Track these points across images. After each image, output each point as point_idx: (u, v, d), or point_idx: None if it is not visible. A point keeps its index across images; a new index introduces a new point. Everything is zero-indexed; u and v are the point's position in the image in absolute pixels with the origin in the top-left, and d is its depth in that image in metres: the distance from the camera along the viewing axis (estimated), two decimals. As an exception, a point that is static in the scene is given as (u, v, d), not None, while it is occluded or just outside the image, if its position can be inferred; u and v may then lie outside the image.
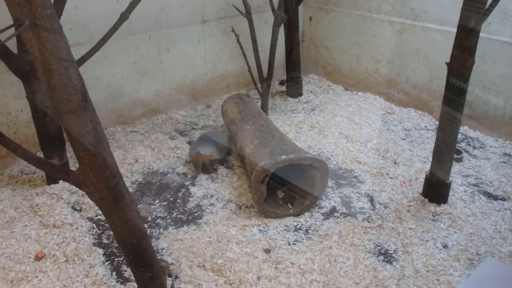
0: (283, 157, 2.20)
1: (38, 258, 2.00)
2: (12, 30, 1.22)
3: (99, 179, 1.37)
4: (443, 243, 2.12)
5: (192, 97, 3.68)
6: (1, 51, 2.15)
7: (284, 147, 2.31)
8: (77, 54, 2.29)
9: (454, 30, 2.03)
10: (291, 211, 2.33)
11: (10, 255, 2.03)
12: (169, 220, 2.31)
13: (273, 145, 2.35)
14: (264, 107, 3.32)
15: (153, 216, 2.34)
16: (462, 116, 2.17)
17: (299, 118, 3.42)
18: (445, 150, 2.24)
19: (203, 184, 2.61)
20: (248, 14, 3.00)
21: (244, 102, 3.01)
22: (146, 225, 2.25)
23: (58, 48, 1.08)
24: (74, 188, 2.50)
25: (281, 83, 4.18)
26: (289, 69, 3.82)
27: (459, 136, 3.09)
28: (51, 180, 2.55)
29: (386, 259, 2.03)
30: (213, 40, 3.62)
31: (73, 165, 2.60)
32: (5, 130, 2.71)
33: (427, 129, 3.24)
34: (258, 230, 2.21)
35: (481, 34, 2.02)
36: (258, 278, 1.90)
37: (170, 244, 2.12)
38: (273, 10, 3.09)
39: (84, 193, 2.32)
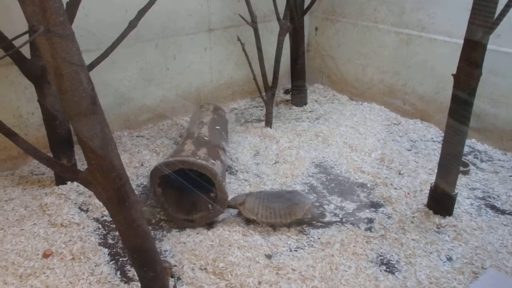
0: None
1: (46, 255, 2.06)
2: (27, 36, 1.30)
3: (106, 180, 1.41)
4: (448, 255, 2.09)
5: (198, 104, 3.73)
6: (16, 56, 2.24)
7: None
8: (86, 60, 2.33)
9: (462, 41, 1.99)
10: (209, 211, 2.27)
11: (19, 252, 2.09)
12: (173, 223, 2.34)
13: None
14: (269, 115, 3.37)
15: (157, 219, 2.38)
16: (468, 129, 2.13)
17: (303, 127, 3.45)
18: (451, 162, 2.20)
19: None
20: (254, 23, 3.05)
21: (198, 112, 3.06)
22: (150, 227, 2.29)
23: (69, 53, 1.14)
24: (81, 189, 2.56)
25: (286, 92, 4.20)
26: (294, 78, 3.85)
27: (467, 148, 3.06)
28: (60, 181, 2.61)
29: (388, 269, 2.01)
30: (219, 49, 3.69)
31: (81, 167, 2.66)
32: (16, 132, 2.78)
33: (433, 140, 3.22)
34: (260, 235, 2.22)
35: (490, 46, 1.98)
36: (259, 282, 1.90)
37: (173, 246, 2.15)
38: (278, 19, 3.13)
39: (91, 194, 2.41)
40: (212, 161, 2.28)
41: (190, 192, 2.34)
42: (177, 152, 2.36)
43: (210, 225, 2.31)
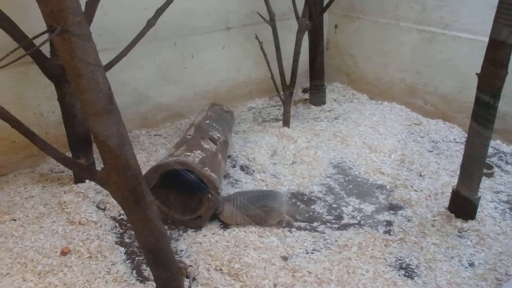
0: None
1: (64, 253, 2.09)
2: (47, 35, 1.30)
3: (122, 179, 1.41)
4: (469, 261, 2.03)
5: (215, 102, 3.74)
6: (36, 55, 2.27)
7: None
8: (105, 59, 2.37)
9: (487, 39, 1.95)
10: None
11: (38, 249, 2.12)
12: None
13: None
14: (286, 115, 3.34)
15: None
16: (492, 131, 2.07)
17: (322, 126, 3.41)
18: (474, 165, 2.14)
19: (223, 189, 2.63)
20: (272, 21, 3.03)
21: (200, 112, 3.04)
22: (166, 227, 2.29)
23: (86, 53, 1.14)
24: (99, 187, 2.59)
25: (304, 91, 4.18)
26: (313, 77, 3.82)
27: (491, 150, 2.98)
28: (78, 179, 2.65)
29: (407, 274, 1.97)
30: (237, 47, 3.68)
31: (99, 166, 2.68)
32: (37, 130, 2.79)
33: (455, 141, 3.13)
34: (276, 237, 2.20)
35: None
36: (275, 285, 1.89)
37: (188, 246, 2.15)
38: (297, 17, 3.11)
39: (108, 193, 2.41)
40: (187, 153, 2.27)
41: (192, 192, 2.34)
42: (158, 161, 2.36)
43: (225, 225, 2.30)
